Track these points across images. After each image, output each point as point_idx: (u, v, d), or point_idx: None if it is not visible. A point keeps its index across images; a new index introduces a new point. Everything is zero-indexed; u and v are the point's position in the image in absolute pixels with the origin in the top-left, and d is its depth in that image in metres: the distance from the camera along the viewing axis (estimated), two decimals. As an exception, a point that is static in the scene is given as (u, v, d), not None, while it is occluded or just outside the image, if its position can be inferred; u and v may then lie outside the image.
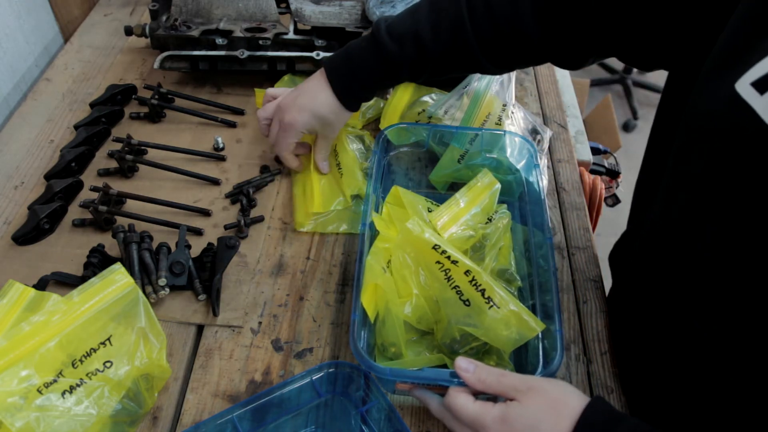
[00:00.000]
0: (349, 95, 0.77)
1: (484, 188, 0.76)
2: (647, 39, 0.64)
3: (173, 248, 0.74)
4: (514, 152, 0.82)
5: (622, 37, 0.66)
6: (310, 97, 0.77)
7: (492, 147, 0.82)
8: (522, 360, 0.66)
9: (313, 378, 0.63)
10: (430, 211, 0.73)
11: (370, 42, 0.74)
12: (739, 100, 0.45)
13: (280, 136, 0.80)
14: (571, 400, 0.51)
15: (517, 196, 0.82)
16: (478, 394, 0.55)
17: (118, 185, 0.81)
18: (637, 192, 0.75)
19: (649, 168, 0.72)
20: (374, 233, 0.70)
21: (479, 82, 0.88)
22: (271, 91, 0.85)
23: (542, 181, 0.78)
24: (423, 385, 0.59)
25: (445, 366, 0.64)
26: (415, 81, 0.79)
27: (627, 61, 0.70)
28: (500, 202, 0.78)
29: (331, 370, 0.64)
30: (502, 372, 0.54)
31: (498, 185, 0.76)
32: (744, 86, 0.45)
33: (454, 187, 0.83)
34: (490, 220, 0.75)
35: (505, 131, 0.82)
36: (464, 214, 0.73)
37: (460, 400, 0.54)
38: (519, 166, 0.82)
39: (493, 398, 0.55)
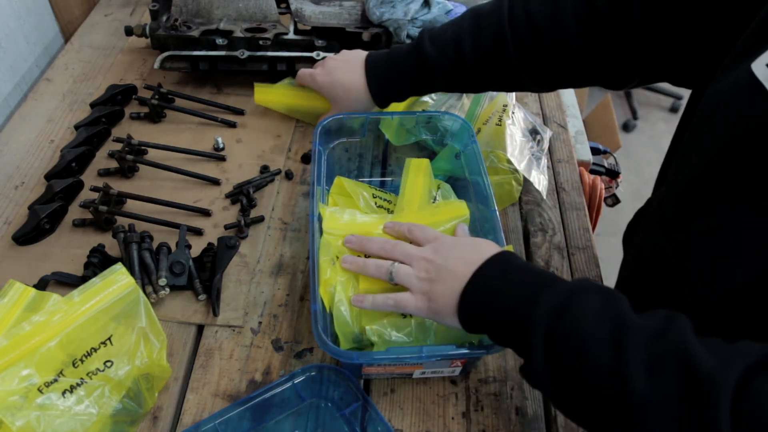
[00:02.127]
0: (382, 93, 0.81)
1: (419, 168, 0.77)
2: (688, 51, 0.63)
3: (173, 248, 0.74)
4: (515, 152, 0.82)
5: (664, 51, 0.65)
6: (347, 78, 0.82)
7: (493, 146, 0.82)
8: None
9: (295, 382, 0.63)
10: (374, 197, 0.75)
11: (412, 47, 0.77)
12: (753, 79, 0.46)
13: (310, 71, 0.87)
14: (488, 245, 0.59)
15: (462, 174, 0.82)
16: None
17: (118, 185, 0.81)
18: (662, 169, 0.75)
19: (673, 151, 0.72)
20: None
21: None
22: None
23: (543, 181, 0.78)
24: (389, 365, 0.62)
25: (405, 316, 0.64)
26: (450, 90, 0.81)
27: (674, 81, 0.68)
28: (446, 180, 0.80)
29: (313, 373, 0.64)
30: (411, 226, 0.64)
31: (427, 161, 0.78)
32: (759, 66, 0.46)
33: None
34: (435, 199, 0.75)
35: (441, 112, 0.83)
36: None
37: None
38: (514, 159, 0.81)
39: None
